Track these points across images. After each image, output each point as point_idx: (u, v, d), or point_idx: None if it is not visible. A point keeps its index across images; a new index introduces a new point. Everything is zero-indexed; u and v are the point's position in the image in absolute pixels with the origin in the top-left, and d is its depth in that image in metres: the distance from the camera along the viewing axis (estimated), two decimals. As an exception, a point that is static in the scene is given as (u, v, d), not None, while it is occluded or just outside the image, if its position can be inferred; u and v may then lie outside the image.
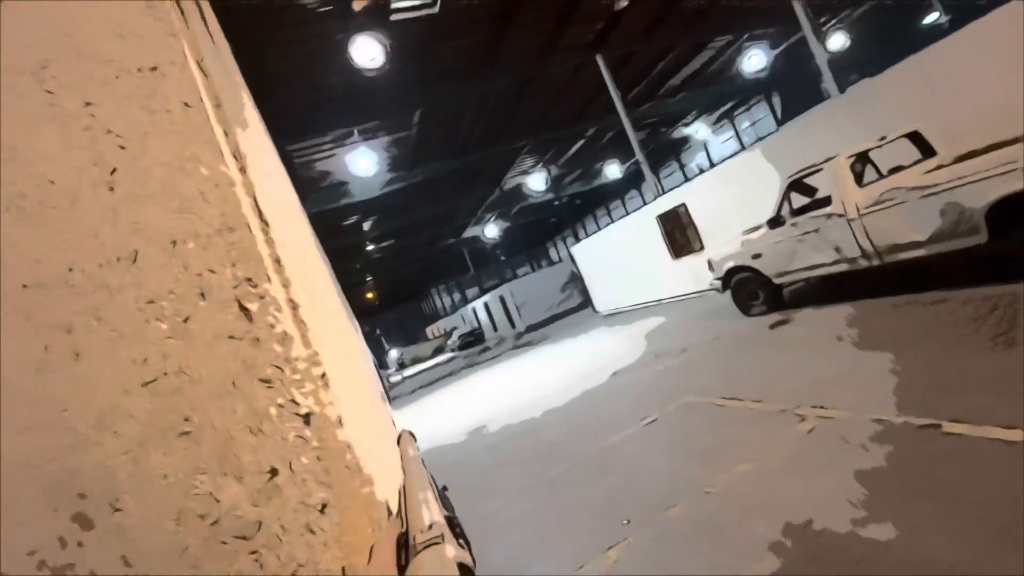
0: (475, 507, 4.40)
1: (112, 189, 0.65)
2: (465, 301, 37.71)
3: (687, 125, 22.81)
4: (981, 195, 4.44)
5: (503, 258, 37.97)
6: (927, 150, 5.97)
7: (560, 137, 17.98)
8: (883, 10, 17.48)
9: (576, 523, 3.49)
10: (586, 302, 20.46)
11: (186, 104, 0.70)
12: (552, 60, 12.33)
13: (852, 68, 17.33)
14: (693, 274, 11.58)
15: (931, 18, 17.39)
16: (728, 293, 7.76)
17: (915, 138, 6.00)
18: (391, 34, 8.96)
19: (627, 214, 14.51)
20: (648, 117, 18.50)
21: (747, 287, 7.37)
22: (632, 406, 5.50)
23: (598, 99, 14.87)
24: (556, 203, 25.03)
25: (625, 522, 3.23)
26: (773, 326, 6.43)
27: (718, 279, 7.77)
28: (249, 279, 0.70)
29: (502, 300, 25.43)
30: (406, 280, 38.43)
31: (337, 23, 8.58)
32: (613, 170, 21.85)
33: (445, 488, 1.21)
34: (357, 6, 8.80)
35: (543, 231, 38.15)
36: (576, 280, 22.26)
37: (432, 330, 41.95)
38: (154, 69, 0.69)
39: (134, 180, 0.66)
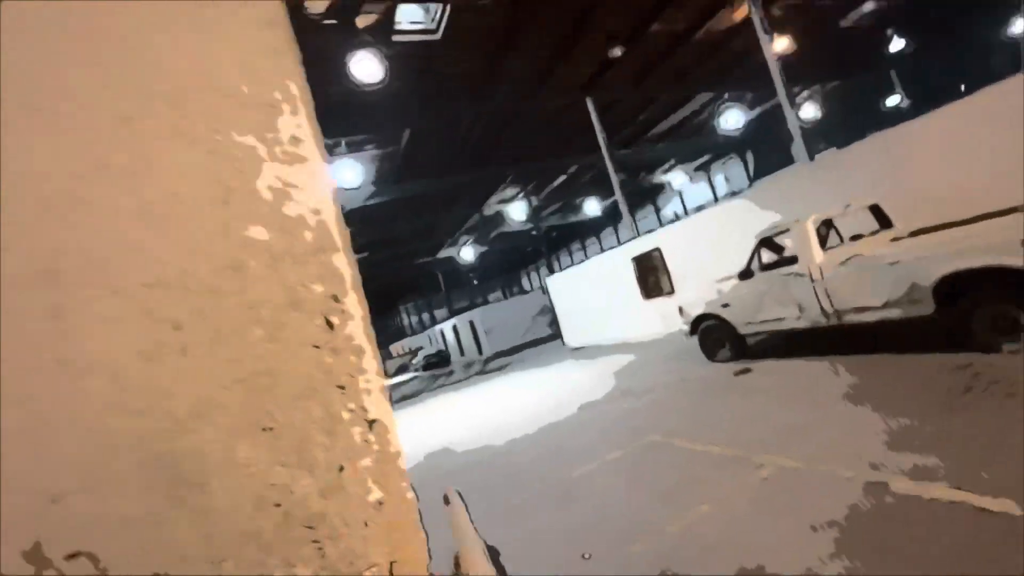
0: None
1: (227, 205, 0.74)
2: (434, 321, 37.39)
3: (665, 172, 23.76)
4: (929, 270, 4.83)
5: (476, 282, 38.02)
6: (885, 222, 6.46)
7: (544, 169, 18.46)
8: (850, 88, 18.88)
9: (540, 550, 3.53)
10: (555, 334, 20.64)
11: (295, 137, 0.80)
12: (543, 95, 12.80)
13: (819, 137, 18.53)
14: (662, 316, 11.94)
15: (893, 101, 18.88)
16: (695, 338, 8.05)
17: (875, 210, 6.50)
18: (391, 53, 9.17)
19: (602, 251, 14.85)
20: (629, 160, 19.21)
21: (713, 334, 7.67)
22: (598, 440, 5.61)
23: (583, 137, 15.41)
24: (533, 233, 25.44)
25: (586, 556, 3.30)
26: (737, 374, 6.69)
27: (687, 324, 8.07)
28: (334, 295, 0.79)
29: (471, 324, 25.40)
30: (375, 295, 37.93)
31: (340, 35, 8.73)
32: (592, 207, 22.45)
33: (498, 552, 1.26)
34: (361, 23, 8.99)
35: (518, 259, 38.49)
36: (546, 312, 22.48)
37: (397, 348, 41.33)
38: (272, 105, 0.79)
39: (246, 200, 0.75)
